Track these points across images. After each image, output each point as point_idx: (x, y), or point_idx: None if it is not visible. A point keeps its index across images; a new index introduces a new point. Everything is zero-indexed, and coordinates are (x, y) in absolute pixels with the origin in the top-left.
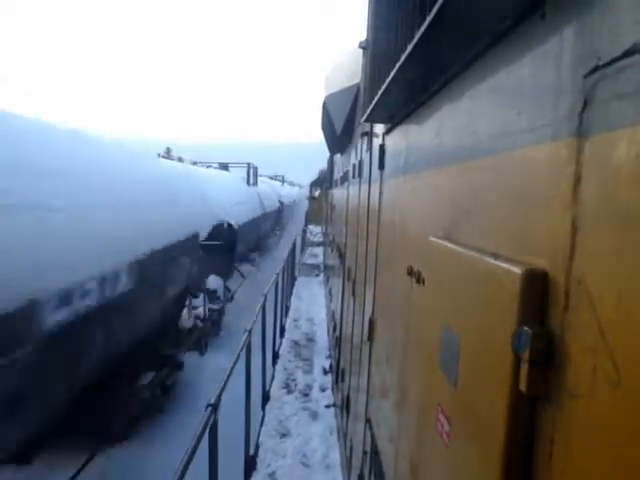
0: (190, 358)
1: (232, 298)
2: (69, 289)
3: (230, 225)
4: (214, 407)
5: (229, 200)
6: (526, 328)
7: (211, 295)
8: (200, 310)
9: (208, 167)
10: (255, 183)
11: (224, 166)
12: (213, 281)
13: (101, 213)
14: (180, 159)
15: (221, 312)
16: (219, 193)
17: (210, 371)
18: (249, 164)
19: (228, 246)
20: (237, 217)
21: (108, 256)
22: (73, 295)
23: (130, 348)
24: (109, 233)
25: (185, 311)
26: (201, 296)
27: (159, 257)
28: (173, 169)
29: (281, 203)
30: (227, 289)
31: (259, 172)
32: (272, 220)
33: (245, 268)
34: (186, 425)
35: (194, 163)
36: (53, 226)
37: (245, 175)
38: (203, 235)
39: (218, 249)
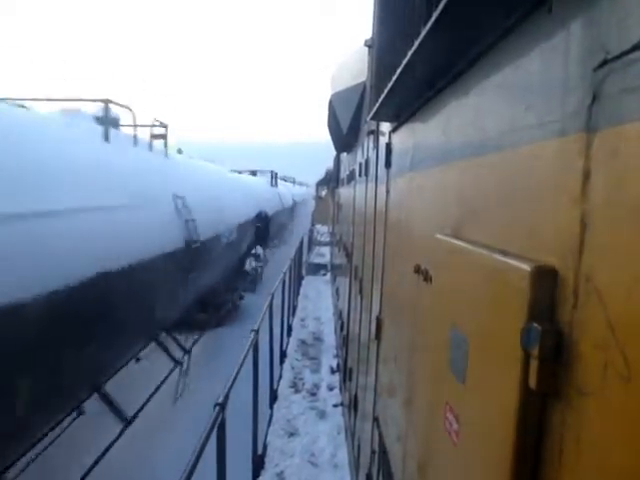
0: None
1: (267, 261)
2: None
3: (266, 213)
4: (222, 406)
5: (263, 197)
6: (535, 324)
7: (257, 257)
8: (252, 264)
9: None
10: (276, 185)
11: (253, 172)
12: (258, 249)
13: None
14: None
15: (262, 268)
16: (257, 192)
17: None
18: (272, 171)
19: (266, 226)
20: (268, 208)
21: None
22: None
23: (229, 272)
24: (237, 209)
25: (247, 262)
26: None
27: (243, 227)
28: (234, 176)
29: (294, 201)
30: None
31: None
32: (288, 213)
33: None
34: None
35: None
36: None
37: (269, 179)
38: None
39: (260, 228)
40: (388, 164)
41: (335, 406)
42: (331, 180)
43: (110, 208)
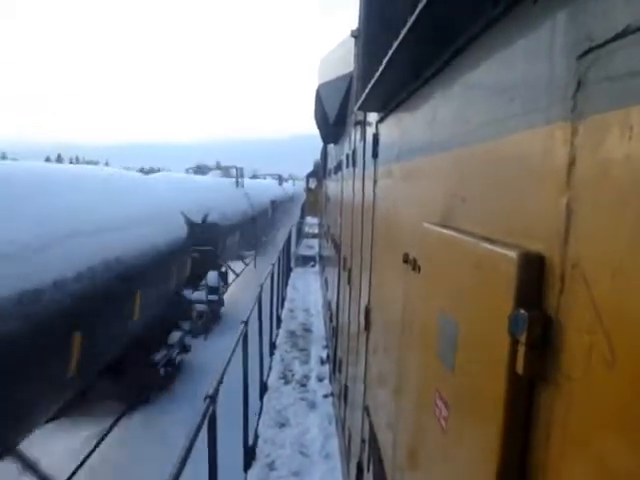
0: None
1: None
2: None
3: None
4: (212, 398)
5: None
6: (523, 311)
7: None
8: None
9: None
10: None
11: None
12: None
13: None
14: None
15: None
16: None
17: None
18: (236, 167)
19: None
20: (224, 219)
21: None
22: None
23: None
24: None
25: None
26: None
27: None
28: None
29: (273, 201)
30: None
31: (261, 171)
32: (263, 218)
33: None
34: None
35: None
36: None
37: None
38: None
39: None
40: (375, 154)
41: (325, 397)
42: (319, 172)
43: None
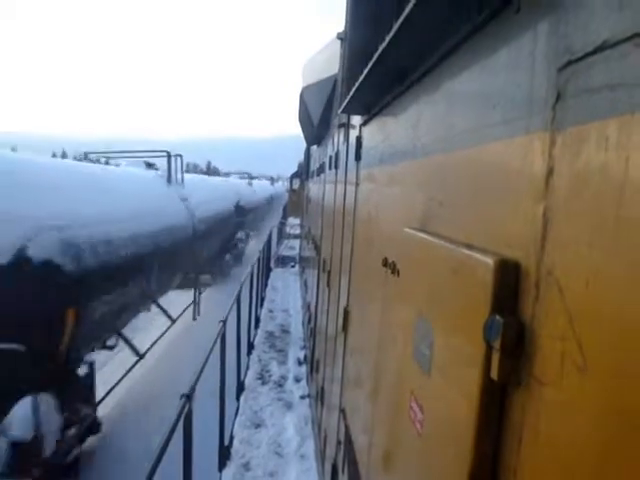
0: None
1: None
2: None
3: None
4: (188, 397)
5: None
6: (498, 317)
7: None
8: None
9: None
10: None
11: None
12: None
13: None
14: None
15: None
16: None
17: None
18: (248, 173)
19: None
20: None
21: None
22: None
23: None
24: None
25: None
26: None
27: None
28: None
29: (239, 207)
30: None
31: (253, 170)
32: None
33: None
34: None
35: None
36: None
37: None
38: None
39: None
40: (358, 157)
41: (302, 398)
42: (302, 173)
43: None
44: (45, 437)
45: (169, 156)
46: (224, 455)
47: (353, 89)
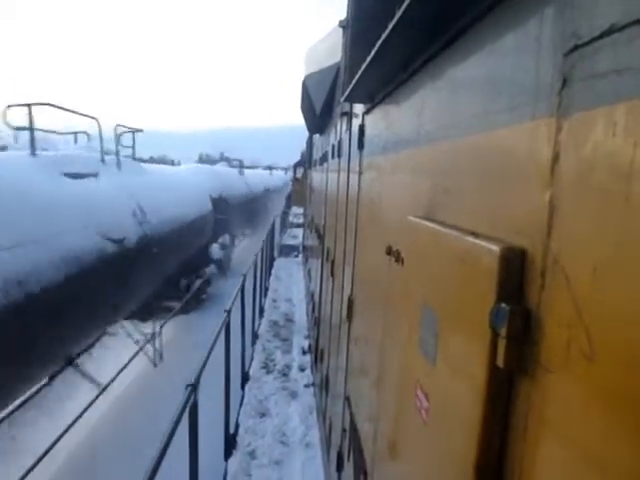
0: None
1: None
2: None
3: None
4: (193, 387)
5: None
6: (504, 305)
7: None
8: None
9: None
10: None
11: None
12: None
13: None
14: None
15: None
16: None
17: None
18: (240, 161)
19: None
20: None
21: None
22: None
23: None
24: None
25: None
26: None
27: None
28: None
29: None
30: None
31: (251, 162)
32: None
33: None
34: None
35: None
36: None
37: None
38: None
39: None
40: (361, 146)
41: (307, 386)
42: (305, 162)
43: None
44: None
45: (239, 161)
46: (230, 444)
47: (356, 77)
